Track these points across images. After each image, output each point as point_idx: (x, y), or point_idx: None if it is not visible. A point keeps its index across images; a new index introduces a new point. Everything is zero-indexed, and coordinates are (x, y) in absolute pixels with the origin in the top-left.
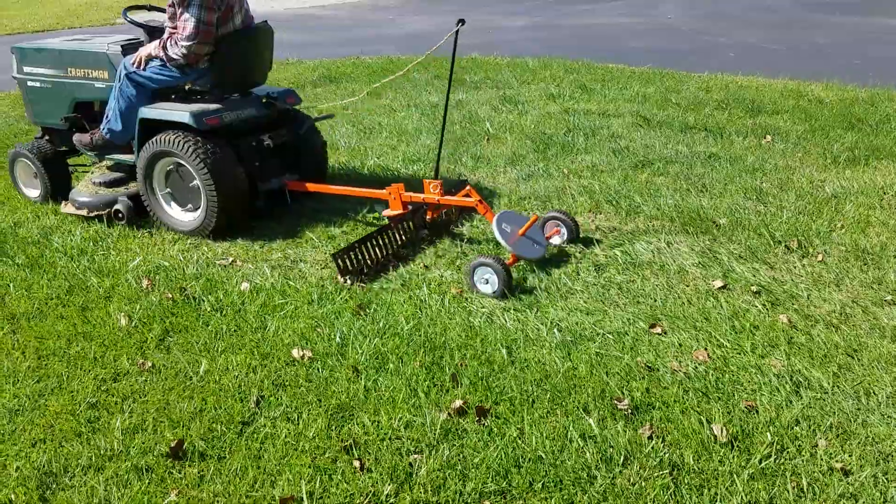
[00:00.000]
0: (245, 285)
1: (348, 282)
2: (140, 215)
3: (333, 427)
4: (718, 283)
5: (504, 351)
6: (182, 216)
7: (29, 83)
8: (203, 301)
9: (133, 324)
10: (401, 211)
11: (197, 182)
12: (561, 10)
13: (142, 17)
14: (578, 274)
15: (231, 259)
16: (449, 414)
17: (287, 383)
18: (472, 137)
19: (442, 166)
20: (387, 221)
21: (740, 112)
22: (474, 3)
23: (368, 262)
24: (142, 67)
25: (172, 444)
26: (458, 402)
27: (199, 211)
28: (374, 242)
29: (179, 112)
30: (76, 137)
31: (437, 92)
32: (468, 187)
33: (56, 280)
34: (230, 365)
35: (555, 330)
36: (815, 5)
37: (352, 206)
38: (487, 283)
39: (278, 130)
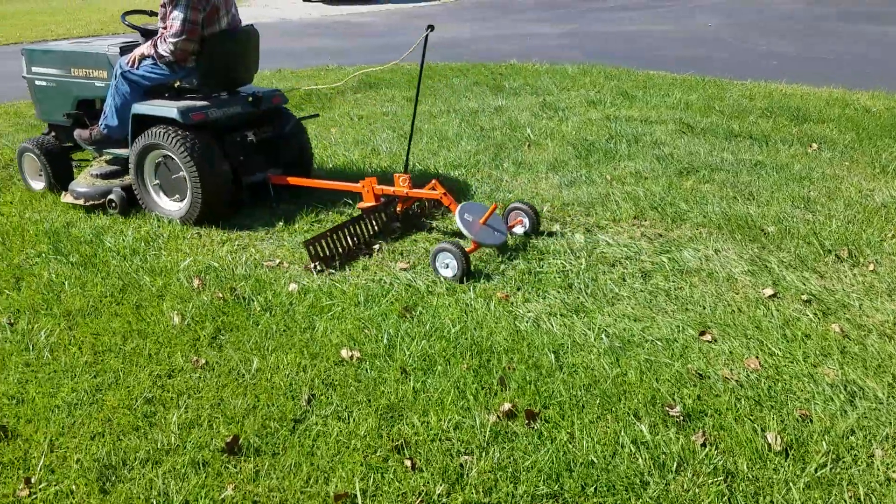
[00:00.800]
0: (293, 286)
1: (318, 267)
2: (132, 205)
3: (384, 426)
4: (769, 292)
5: (552, 356)
6: (169, 205)
7: (37, 82)
8: (253, 301)
9: (186, 322)
10: (374, 203)
11: (183, 173)
12: (596, 18)
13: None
14: (625, 280)
15: (278, 261)
16: (498, 416)
17: (337, 383)
18: (512, 143)
19: (483, 172)
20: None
21: (785, 120)
22: (506, 10)
23: (339, 250)
24: (135, 66)
25: (228, 440)
26: (507, 406)
27: (185, 201)
28: (346, 232)
29: (168, 108)
30: (77, 133)
31: (476, 98)
32: (434, 181)
33: (110, 279)
34: (281, 364)
35: (602, 336)
36: (851, 14)
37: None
38: (448, 267)
39: (263, 127)
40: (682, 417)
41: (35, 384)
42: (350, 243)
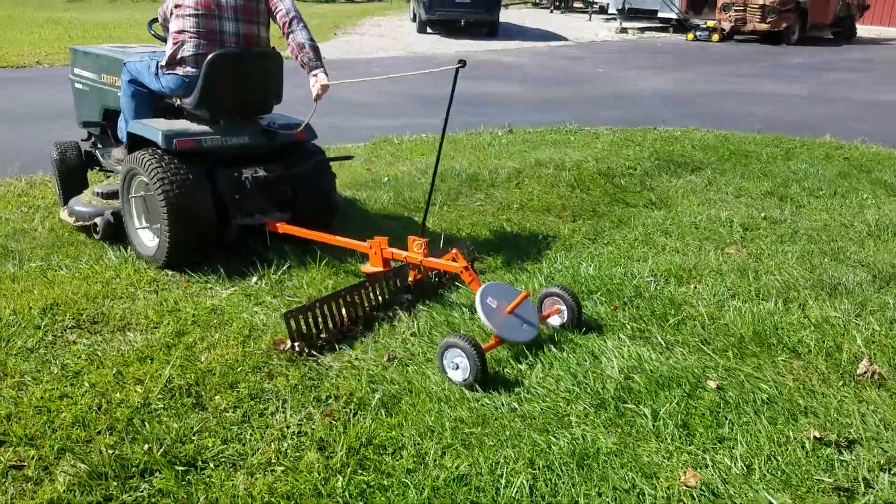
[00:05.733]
0: None
1: (297, 348)
2: (119, 234)
3: None
4: None
5: None
6: (147, 241)
7: (76, 84)
8: None
9: None
10: (381, 268)
11: (157, 206)
12: (826, 79)
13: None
14: None
15: None
16: None
17: None
18: None
19: None
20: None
21: None
22: (661, 58)
23: (330, 324)
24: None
25: None
26: None
27: (157, 237)
28: (342, 302)
29: (154, 129)
30: (114, 153)
31: (873, 198)
32: (454, 250)
33: None
34: None
35: None
36: None
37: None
38: (457, 368)
39: (271, 164)
40: None
41: None
42: (345, 316)
